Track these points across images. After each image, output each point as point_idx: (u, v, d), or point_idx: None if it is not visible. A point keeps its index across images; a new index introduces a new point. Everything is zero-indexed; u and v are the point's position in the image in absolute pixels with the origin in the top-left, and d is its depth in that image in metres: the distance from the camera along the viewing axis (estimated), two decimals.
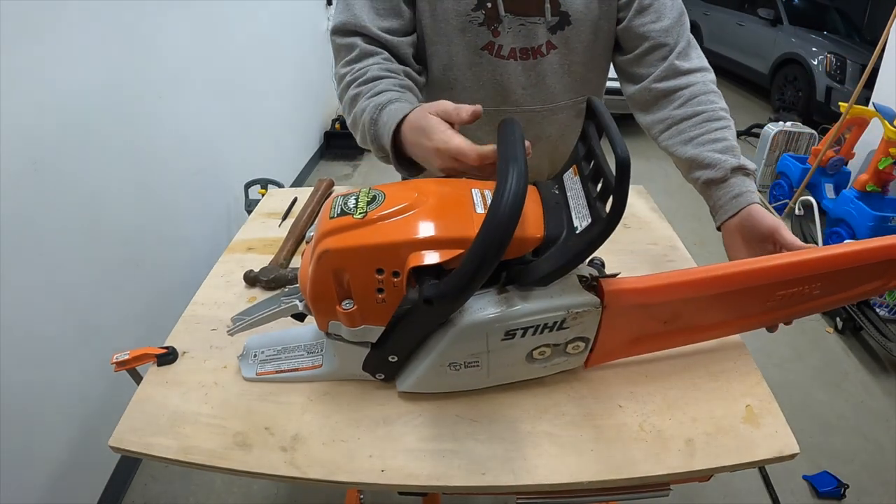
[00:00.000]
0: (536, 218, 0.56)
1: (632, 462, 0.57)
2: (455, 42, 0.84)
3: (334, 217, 0.54)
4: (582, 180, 0.55)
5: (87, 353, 1.33)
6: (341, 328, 0.59)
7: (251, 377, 0.67)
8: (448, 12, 0.81)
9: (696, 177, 0.78)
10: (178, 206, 1.79)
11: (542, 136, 0.92)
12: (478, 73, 0.86)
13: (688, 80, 0.81)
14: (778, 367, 1.98)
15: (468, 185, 0.59)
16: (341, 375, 0.66)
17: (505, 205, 0.45)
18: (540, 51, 0.84)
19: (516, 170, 0.47)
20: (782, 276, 0.61)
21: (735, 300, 0.63)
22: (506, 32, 0.82)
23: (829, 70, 4.29)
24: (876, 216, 2.34)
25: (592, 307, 0.56)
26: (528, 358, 0.60)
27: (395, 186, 0.58)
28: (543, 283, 0.55)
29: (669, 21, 0.83)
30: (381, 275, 0.53)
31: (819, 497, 1.52)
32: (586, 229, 0.51)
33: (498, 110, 0.88)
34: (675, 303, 0.61)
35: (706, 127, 0.77)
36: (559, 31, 0.83)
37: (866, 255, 0.61)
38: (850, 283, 0.64)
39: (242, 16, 2.37)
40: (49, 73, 1.21)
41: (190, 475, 1.52)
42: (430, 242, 0.52)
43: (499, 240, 0.46)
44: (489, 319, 0.55)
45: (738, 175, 0.74)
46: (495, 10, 0.81)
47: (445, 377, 0.60)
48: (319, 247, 0.53)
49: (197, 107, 1.93)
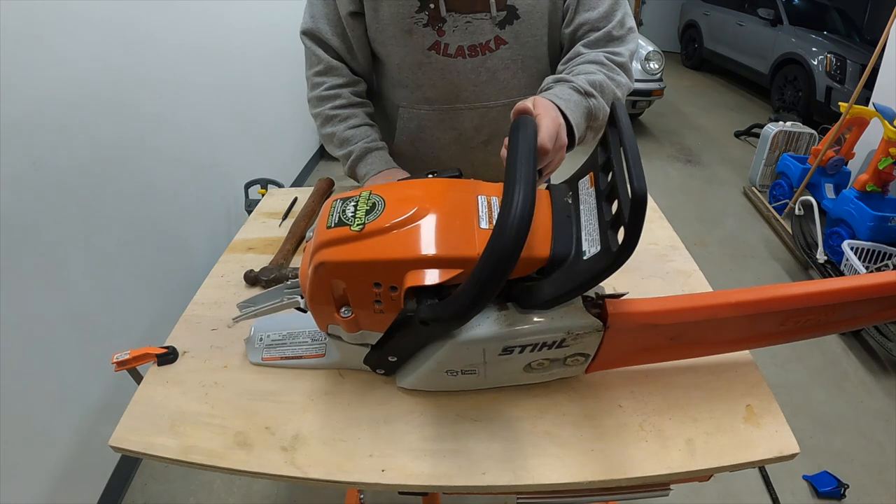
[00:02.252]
0: (544, 233, 0.53)
1: (632, 462, 0.57)
2: (403, 44, 0.85)
3: (331, 227, 0.53)
4: (597, 195, 0.52)
5: (87, 353, 1.33)
6: (340, 331, 0.59)
7: (257, 362, 0.68)
8: (393, 16, 0.83)
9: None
10: (178, 206, 1.79)
11: (499, 133, 0.93)
12: (427, 72, 0.87)
13: (598, 54, 0.82)
14: (778, 367, 1.98)
15: (475, 191, 0.57)
16: (344, 366, 0.67)
17: (509, 230, 0.43)
18: (488, 46, 0.85)
19: (522, 192, 0.44)
20: (798, 305, 0.58)
21: (747, 323, 0.60)
22: (451, 31, 0.83)
23: (829, 70, 4.29)
24: (876, 216, 2.34)
25: (594, 330, 0.54)
26: (526, 369, 0.60)
27: (396, 191, 0.56)
28: (546, 307, 0.53)
29: (603, 9, 0.83)
30: (379, 288, 0.52)
31: (819, 497, 1.52)
32: (594, 258, 0.48)
33: (453, 108, 0.90)
34: (682, 324, 0.59)
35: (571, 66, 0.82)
36: (508, 25, 0.84)
37: (885, 288, 0.58)
38: (868, 311, 0.61)
39: (243, 15, 2.37)
40: (49, 74, 1.21)
41: (190, 475, 1.52)
42: (428, 262, 0.50)
43: (501, 268, 0.44)
44: (487, 337, 0.54)
45: (560, 83, 0.78)
46: (437, 10, 0.81)
47: (443, 380, 0.61)
48: (316, 258, 0.52)
49: (197, 107, 1.93)
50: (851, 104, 2.52)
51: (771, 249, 2.77)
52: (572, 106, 0.73)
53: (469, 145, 0.95)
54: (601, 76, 0.79)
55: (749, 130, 4.24)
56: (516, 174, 0.47)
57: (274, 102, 2.82)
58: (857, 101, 2.54)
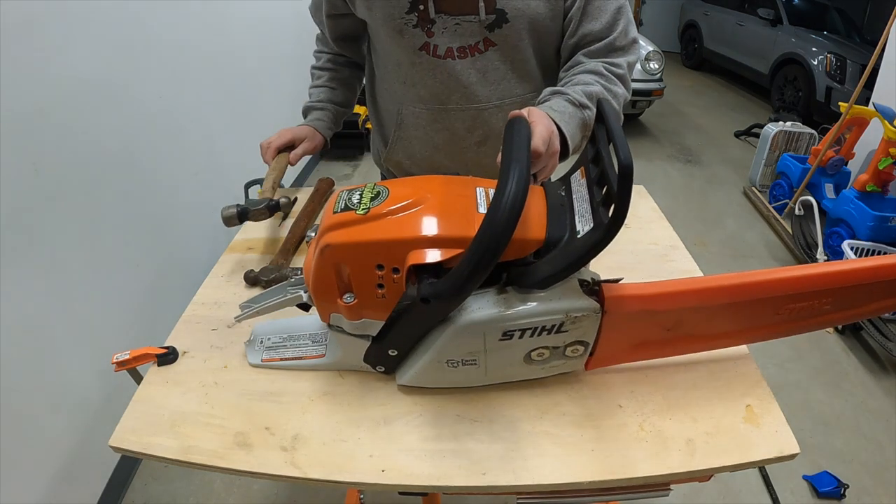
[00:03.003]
0: (539, 219, 0.56)
1: (632, 462, 0.57)
2: (396, 43, 0.87)
3: (338, 212, 0.55)
4: (588, 183, 0.55)
5: (87, 353, 1.33)
6: (342, 320, 0.59)
7: (256, 363, 0.68)
8: (384, 16, 0.84)
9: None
10: (178, 206, 1.79)
11: (491, 134, 0.93)
12: (420, 72, 0.88)
13: (596, 64, 0.83)
14: (778, 367, 1.98)
15: (474, 184, 0.59)
16: (343, 366, 0.67)
17: (504, 207, 0.45)
18: (477, 48, 0.86)
19: (517, 172, 0.47)
20: (790, 290, 0.59)
21: (742, 311, 0.61)
22: (440, 32, 0.84)
23: (829, 70, 4.29)
24: (876, 216, 2.34)
25: (592, 312, 0.56)
26: (526, 359, 0.60)
27: (399, 183, 0.58)
28: (543, 285, 0.55)
29: (606, 20, 0.84)
30: (382, 270, 0.54)
31: (819, 497, 1.52)
32: (588, 234, 0.51)
33: (444, 108, 0.91)
34: (678, 311, 0.60)
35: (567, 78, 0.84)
36: (497, 28, 0.84)
37: (878, 272, 0.59)
38: (862, 299, 0.62)
39: (243, 15, 2.37)
40: (49, 74, 1.21)
41: (190, 475, 1.52)
42: (430, 241, 0.52)
43: (496, 242, 0.46)
44: (487, 319, 0.55)
45: (556, 95, 0.80)
46: (427, 11, 0.82)
47: (444, 373, 0.61)
48: (322, 241, 0.54)
49: (197, 107, 1.93)
50: (851, 104, 2.52)
51: (771, 249, 2.78)
52: (567, 118, 0.75)
53: (461, 146, 0.95)
54: (598, 87, 0.80)
55: (749, 130, 4.24)
56: (511, 158, 0.50)
57: (274, 102, 2.81)
58: (857, 101, 2.54)
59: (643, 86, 3.92)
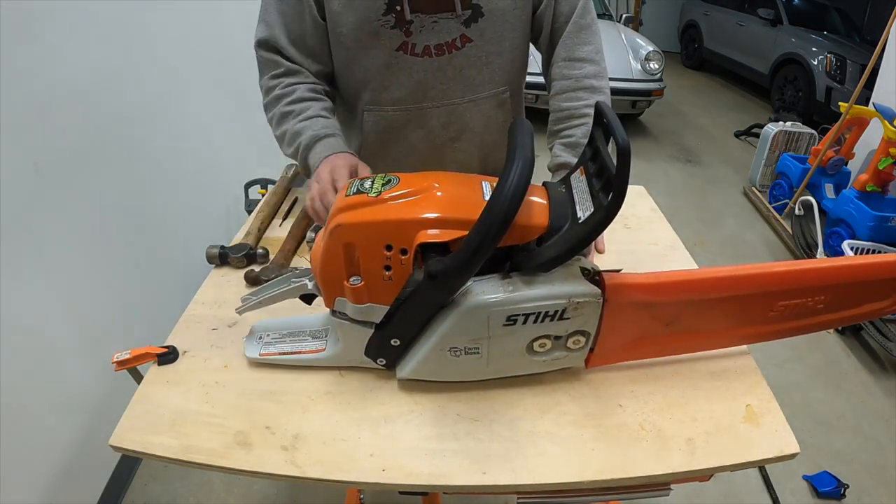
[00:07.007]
0: (542, 209, 0.58)
1: (632, 461, 0.57)
2: (371, 46, 0.86)
3: (350, 195, 0.57)
4: (587, 178, 0.57)
5: (87, 353, 1.33)
6: (347, 305, 0.60)
7: (254, 357, 0.68)
8: (358, 20, 0.84)
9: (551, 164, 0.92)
10: (178, 206, 1.79)
11: (466, 129, 0.95)
12: (395, 73, 0.88)
13: (570, 72, 0.89)
14: (778, 367, 1.98)
15: (479, 179, 0.61)
16: (343, 361, 0.67)
17: (509, 185, 0.48)
18: (454, 45, 0.87)
19: (522, 157, 0.50)
20: (784, 283, 0.60)
21: (737, 306, 0.62)
22: (418, 31, 0.85)
23: (829, 70, 4.29)
24: (876, 216, 2.34)
25: (593, 297, 0.57)
26: (528, 350, 0.60)
27: (410, 174, 0.60)
28: (546, 268, 0.57)
29: (573, 2, 0.89)
30: (390, 251, 0.55)
31: (819, 497, 1.52)
32: (589, 217, 0.53)
33: (419, 107, 0.91)
34: (675, 304, 0.61)
35: (565, 124, 0.90)
36: (473, 23, 0.86)
37: (870, 270, 0.60)
38: (856, 299, 0.63)
39: (242, 15, 2.36)
40: (49, 74, 1.21)
41: (190, 475, 1.52)
42: (437, 222, 0.54)
43: (501, 218, 0.48)
44: (491, 302, 0.56)
45: (560, 169, 0.89)
46: (403, 12, 0.83)
47: (445, 363, 0.61)
48: (333, 221, 0.56)
49: (196, 107, 1.93)
50: (851, 104, 2.52)
51: (771, 249, 2.78)
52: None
53: (437, 142, 0.96)
54: (585, 128, 0.87)
55: (749, 130, 4.24)
56: (516, 145, 0.52)
57: None
58: (857, 101, 2.54)
59: (643, 86, 3.92)
